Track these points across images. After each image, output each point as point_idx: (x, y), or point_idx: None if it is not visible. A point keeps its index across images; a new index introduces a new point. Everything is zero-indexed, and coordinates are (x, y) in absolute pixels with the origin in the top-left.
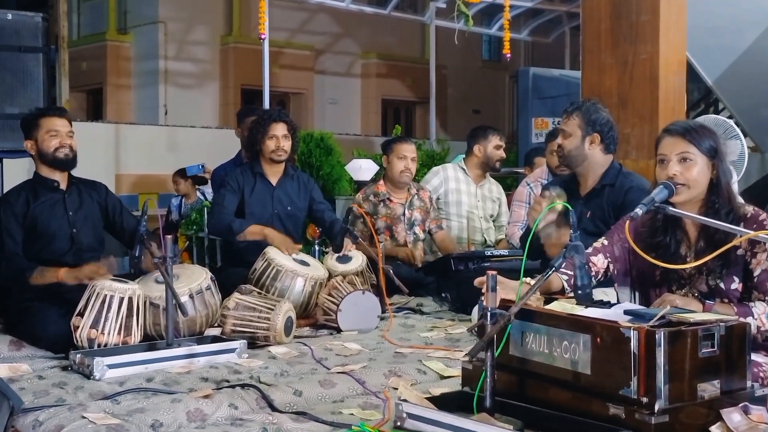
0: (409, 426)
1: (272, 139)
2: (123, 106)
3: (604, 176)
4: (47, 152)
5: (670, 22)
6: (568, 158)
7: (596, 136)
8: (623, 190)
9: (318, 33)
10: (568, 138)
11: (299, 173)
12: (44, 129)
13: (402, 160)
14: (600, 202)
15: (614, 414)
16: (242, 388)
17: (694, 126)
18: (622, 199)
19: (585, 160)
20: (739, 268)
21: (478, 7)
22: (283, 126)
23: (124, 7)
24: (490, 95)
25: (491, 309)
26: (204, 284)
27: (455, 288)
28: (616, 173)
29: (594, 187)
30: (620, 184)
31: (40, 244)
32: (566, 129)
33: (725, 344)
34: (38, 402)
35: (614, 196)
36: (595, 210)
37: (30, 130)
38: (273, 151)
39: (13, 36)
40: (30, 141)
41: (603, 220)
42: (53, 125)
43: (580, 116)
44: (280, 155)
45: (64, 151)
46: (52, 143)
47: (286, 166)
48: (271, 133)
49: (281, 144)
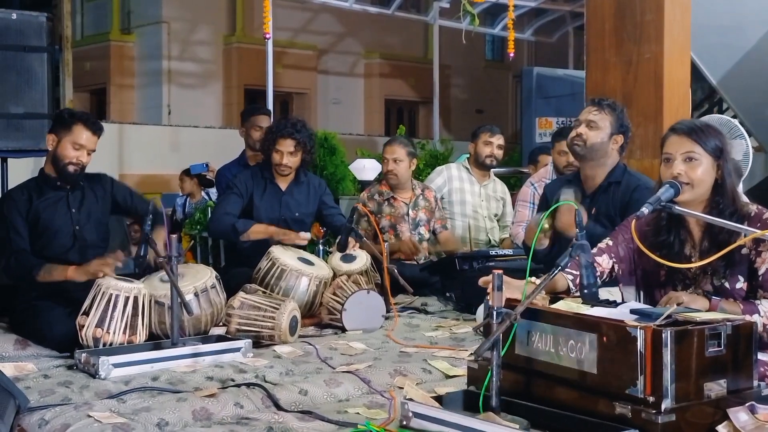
0: (414, 425)
1: (278, 154)
2: (126, 106)
3: (610, 174)
4: (61, 159)
5: (675, 21)
6: (589, 150)
7: (621, 137)
8: (630, 189)
9: (321, 33)
10: (595, 130)
11: (311, 177)
12: (72, 136)
13: (386, 163)
14: (606, 200)
15: (621, 413)
16: (248, 387)
17: (700, 125)
18: (629, 198)
19: (603, 157)
20: (743, 267)
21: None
22: (290, 142)
23: (128, 7)
24: (493, 95)
25: (497, 308)
26: (209, 283)
27: (460, 287)
28: (621, 172)
29: (601, 185)
30: (626, 183)
31: (43, 242)
32: (597, 121)
33: (732, 343)
34: (44, 401)
35: (621, 195)
36: (602, 207)
37: (61, 126)
38: (277, 165)
39: (17, 36)
40: (53, 135)
41: (609, 217)
42: (81, 138)
43: (614, 114)
44: (283, 171)
45: (74, 167)
46: (70, 155)
47: (297, 172)
48: (277, 147)
49: (284, 161)
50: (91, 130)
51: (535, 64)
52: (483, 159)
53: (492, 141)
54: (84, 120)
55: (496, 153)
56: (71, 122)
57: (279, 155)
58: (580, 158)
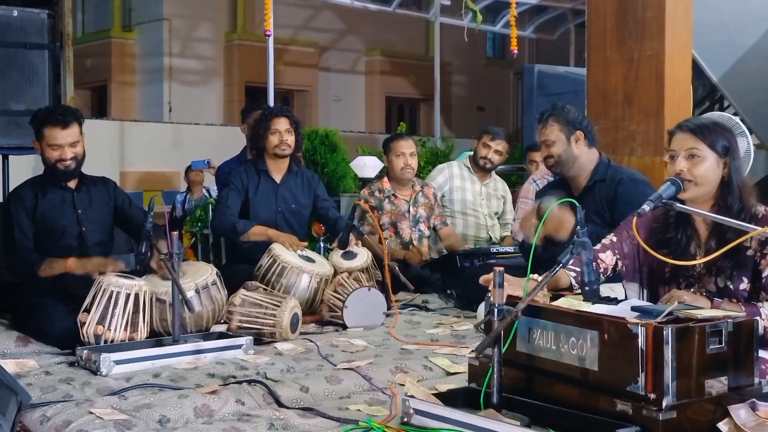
0: (416, 422)
1: (275, 134)
2: (128, 103)
3: (594, 173)
4: (48, 162)
5: (676, 18)
6: (559, 164)
7: (579, 133)
8: (614, 183)
9: (322, 30)
10: (552, 146)
11: (303, 170)
12: (47, 140)
13: (401, 157)
14: (593, 198)
15: (622, 410)
16: (249, 384)
17: (707, 123)
18: (614, 192)
19: (576, 161)
20: (748, 269)
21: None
22: (285, 120)
23: (129, 5)
24: (494, 92)
25: (498, 305)
26: (210, 279)
27: (461, 285)
28: (605, 168)
29: (586, 185)
30: (611, 178)
31: (49, 241)
32: (549, 138)
33: (733, 341)
34: (45, 398)
35: (606, 190)
36: (589, 206)
37: (36, 133)
38: (276, 146)
39: (18, 33)
40: (36, 142)
41: (598, 213)
42: (54, 138)
43: (558, 120)
44: (284, 149)
45: (64, 164)
46: (53, 155)
47: (290, 163)
48: (273, 128)
49: (284, 138)
50: (60, 125)
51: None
52: (479, 159)
53: (491, 145)
54: (49, 120)
55: (492, 157)
56: (41, 127)
57: (277, 135)
58: (558, 174)
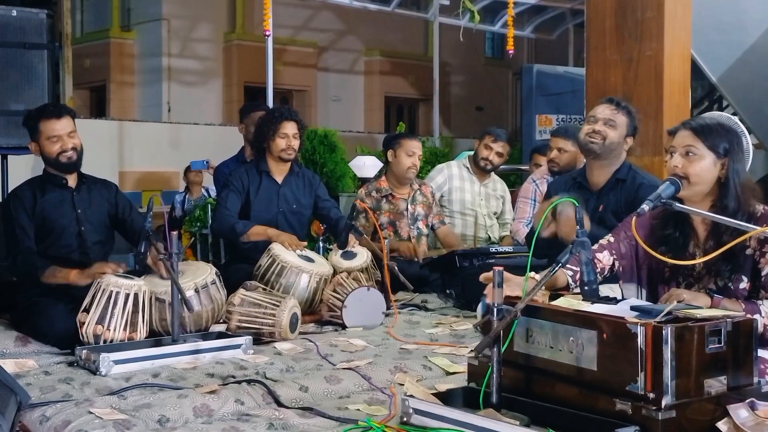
0: (415, 421)
1: (283, 138)
2: (126, 103)
3: (617, 172)
4: (50, 157)
5: (675, 18)
6: (605, 148)
7: (631, 139)
8: (635, 186)
9: (321, 30)
10: (613, 129)
11: (304, 170)
12: (44, 134)
13: (410, 157)
14: (615, 197)
15: (621, 410)
16: (248, 383)
17: (710, 123)
18: (634, 196)
19: (615, 157)
20: (747, 268)
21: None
22: (293, 125)
23: (128, 5)
24: (493, 92)
25: (497, 305)
26: (209, 279)
27: (460, 284)
28: (627, 169)
29: (608, 182)
30: (632, 180)
31: (48, 241)
32: (615, 120)
33: (732, 340)
34: (45, 397)
35: (627, 192)
36: (609, 204)
37: (32, 132)
38: (283, 150)
39: (17, 32)
40: (34, 143)
41: (616, 213)
42: (52, 130)
43: (629, 116)
44: (290, 154)
45: (66, 155)
46: (54, 149)
47: (291, 164)
48: (282, 131)
49: (291, 143)
50: (55, 116)
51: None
52: (479, 160)
53: (492, 146)
54: (43, 114)
55: (493, 159)
56: (35, 123)
57: (285, 139)
58: (592, 155)
